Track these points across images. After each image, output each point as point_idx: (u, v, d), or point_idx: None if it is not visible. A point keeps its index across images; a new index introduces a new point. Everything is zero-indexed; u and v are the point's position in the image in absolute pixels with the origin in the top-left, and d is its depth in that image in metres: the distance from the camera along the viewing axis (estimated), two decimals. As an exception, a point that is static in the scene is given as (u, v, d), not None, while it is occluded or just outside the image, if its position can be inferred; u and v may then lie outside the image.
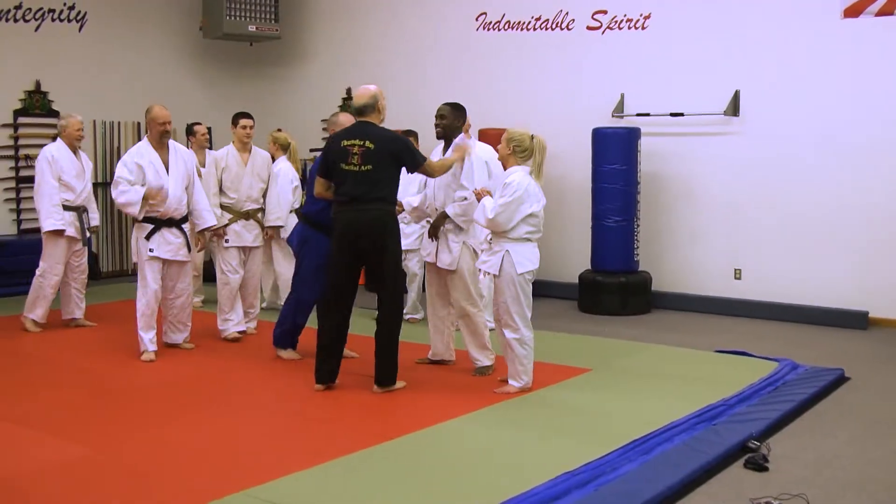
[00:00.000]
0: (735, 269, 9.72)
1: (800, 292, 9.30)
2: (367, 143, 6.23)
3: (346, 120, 6.91)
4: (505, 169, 6.42)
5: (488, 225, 6.25)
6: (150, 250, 7.29)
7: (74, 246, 8.55)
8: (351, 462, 4.97)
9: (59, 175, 8.33)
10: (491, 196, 6.30)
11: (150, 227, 7.31)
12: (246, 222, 8.19)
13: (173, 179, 7.37)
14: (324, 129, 12.16)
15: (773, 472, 4.97)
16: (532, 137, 6.29)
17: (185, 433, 5.52)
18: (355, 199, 6.23)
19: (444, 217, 6.78)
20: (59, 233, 8.35)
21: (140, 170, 7.25)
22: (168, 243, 7.36)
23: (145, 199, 7.19)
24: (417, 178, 7.20)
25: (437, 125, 6.96)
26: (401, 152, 6.33)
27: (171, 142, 7.50)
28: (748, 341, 8.17)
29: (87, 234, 8.65)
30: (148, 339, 7.28)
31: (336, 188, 6.36)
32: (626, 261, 9.80)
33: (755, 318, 9.43)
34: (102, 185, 11.93)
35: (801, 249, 9.29)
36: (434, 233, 6.85)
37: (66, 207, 8.38)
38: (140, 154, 7.32)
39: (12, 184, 11.41)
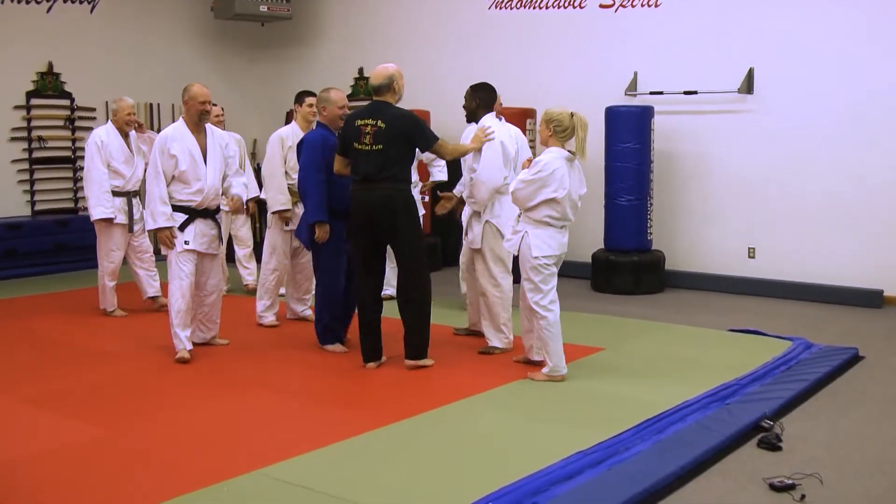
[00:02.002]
0: (749, 248, 9.69)
1: (814, 271, 9.26)
2: (379, 123, 6.25)
3: (337, 96, 6.93)
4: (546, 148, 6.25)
5: (512, 198, 6.21)
6: (186, 242, 6.72)
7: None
8: (365, 441, 4.99)
9: (108, 161, 8.12)
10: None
11: (183, 217, 6.74)
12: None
13: (211, 167, 6.79)
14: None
15: (787, 452, 4.96)
16: (572, 115, 6.17)
17: (201, 414, 5.55)
18: (367, 177, 6.28)
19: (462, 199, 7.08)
20: (108, 221, 8.14)
21: (172, 159, 6.64)
22: (203, 235, 6.80)
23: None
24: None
25: (465, 107, 7.12)
26: (411, 131, 6.33)
27: (207, 124, 6.89)
28: (762, 320, 8.15)
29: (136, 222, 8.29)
30: (184, 336, 6.72)
31: (352, 167, 6.42)
32: (640, 240, 9.77)
33: (769, 297, 9.40)
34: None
35: (816, 228, 9.25)
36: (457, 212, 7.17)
37: (115, 194, 8.14)
38: (174, 139, 6.69)
39: (25, 165, 11.43)
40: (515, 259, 6.37)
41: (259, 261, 8.35)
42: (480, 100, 6.99)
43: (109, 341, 7.42)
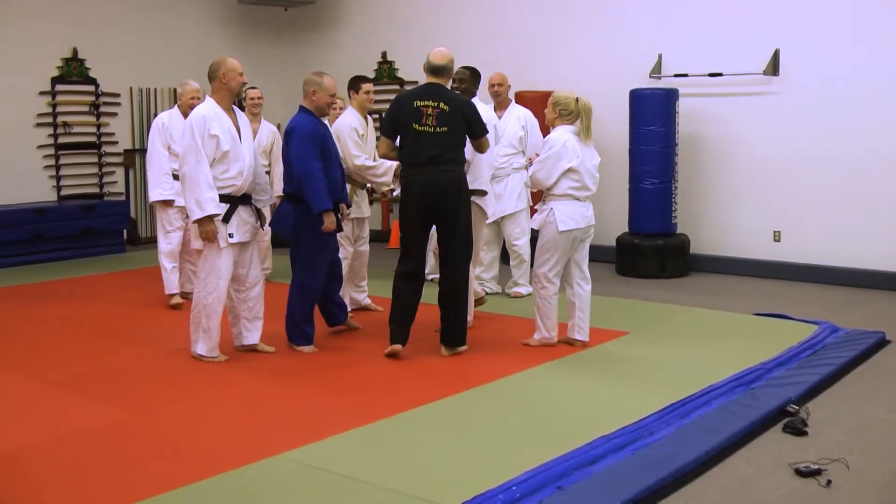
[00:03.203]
0: (774, 231, 9.62)
1: (840, 254, 9.19)
2: (442, 105, 6.19)
3: (330, 83, 6.59)
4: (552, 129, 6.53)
5: (532, 183, 6.46)
6: (230, 235, 6.15)
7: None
8: (388, 425, 5.01)
9: (169, 144, 7.92)
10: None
11: (225, 206, 6.15)
12: (361, 191, 7.53)
13: (247, 146, 6.25)
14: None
15: (812, 437, 4.94)
16: (577, 100, 6.42)
17: (226, 398, 5.58)
18: (431, 160, 6.17)
19: None
20: (168, 203, 7.96)
21: (213, 140, 6.06)
22: (244, 224, 6.27)
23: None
24: None
25: (455, 88, 7.13)
26: (473, 118, 6.30)
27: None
28: (787, 304, 8.10)
29: None
30: (217, 342, 6.30)
31: (407, 149, 6.27)
32: (664, 223, 9.72)
33: (795, 280, 9.33)
34: (139, 152, 11.99)
35: (842, 211, 9.16)
36: None
37: (176, 177, 7.61)
38: (212, 118, 6.08)
39: (51, 150, 11.49)
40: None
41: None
42: (476, 84, 7.39)
43: (135, 325, 7.46)
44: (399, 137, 6.34)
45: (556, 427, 4.99)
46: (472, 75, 7.39)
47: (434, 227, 6.42)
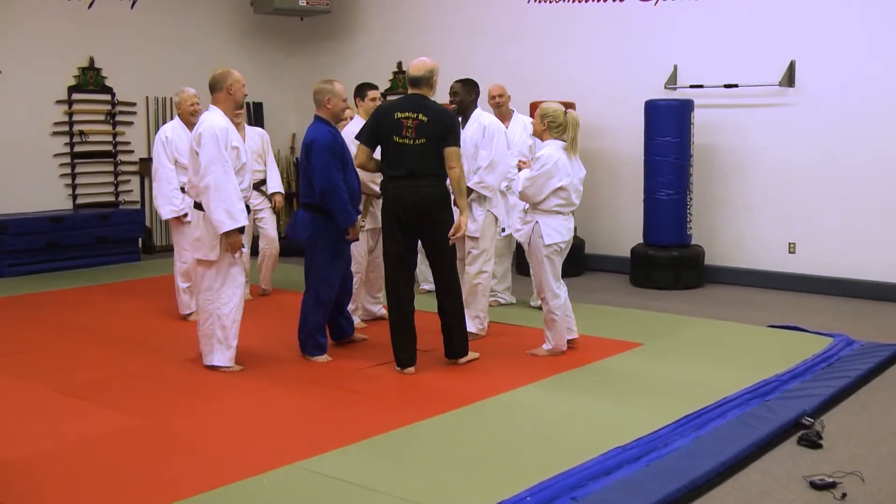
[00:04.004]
0: (789, 243, 9.59)
1: (856, 267, 9.15)
2: (421, 117, 6.14)
3: (341, 89, 6.61)
4: (542, 141, 6.57)
5: (520, 197, 6.53)
6: (242, 246, 6.20)
7: None
8: (402, 435, 5.01)
9: (175, 157, 7.63)
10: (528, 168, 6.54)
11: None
12: (377, 201, 7.18)
13: (247, 153, 6.38)
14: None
15: (828, 450, 4.91)
16: (565, 112, 6.47)
17: (237, 406, 5.60)
18: (410, 173, 6.14)
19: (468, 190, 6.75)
20: (178, 219, 7.69)
21: (234, 151, 6.10)
22: (245, 235, 6.48)
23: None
24: None
25: (451, 102, 7.24)
26: (449, 128, 6.22)
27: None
28: (802, 316, 8.07)
29: None
30: (235, 352, 6.31)
31: (387, 161, 6.26)
32: (679, 234, 9.70)
33: (810, 292, 9.30)
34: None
35: (857, 223, 9.13)
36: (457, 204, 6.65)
37: (184, 190, 7.35)
38: (227, 132, 6.06)
39: (67, 159, 11.56)
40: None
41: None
42: (472, 94, 7.32)
43: (149, 333, 7.48)
44: (380, 149, 6.31)
45: (571, 438, 4.98)
46: (466, 87, 7.27)
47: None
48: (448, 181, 6.27)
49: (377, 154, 6.41)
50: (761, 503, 4.27)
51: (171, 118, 12.12)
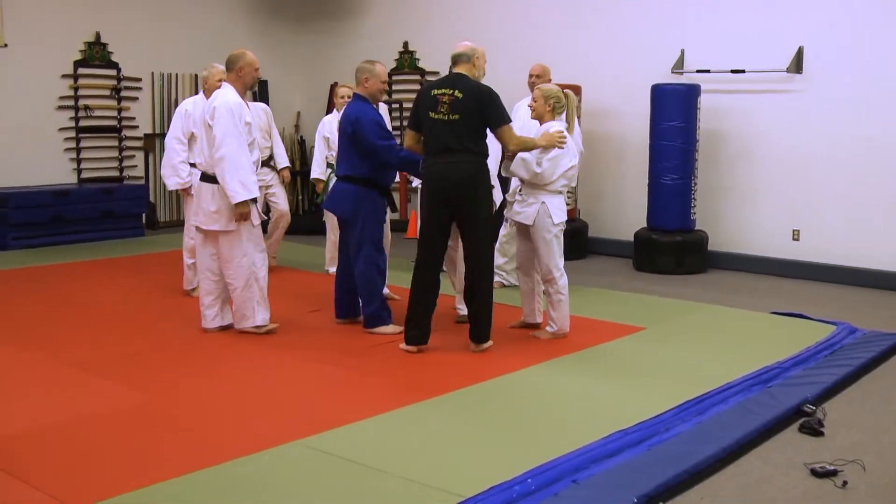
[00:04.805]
0: (793, 230, 9.58)
1: (860, 255, 9.15)
2: (456, 93, 6.10)
3: (382, 70, 6.72)
4: (541, 124, 6.56)
5: (533, 178, 6.41)
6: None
7: None
8: (404, 414, 5.02)
9: (192, 131, 7.53)
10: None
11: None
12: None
13: (255, 129, 6.64)
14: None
15: (829, 438, 4.93)
16: (566, 94, 6.60)
17: (242, 382, 5.61)
18: (446, 149, 6.10)
19: None
20: (186, 191, 7.69)
21: (247, 127, 6.38)
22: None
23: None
24: None
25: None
26: (485, 105, 6.12)
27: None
28: (805, 304, 8.07)
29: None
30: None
31: (425, 138, 6.22)
32: (683, 219, 9.70)
33: (813, 280, 9.30)
34: (160, 137, 12.04)
35: (862, 211, 9.12)
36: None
37: (193, 165, 7.47)
38: (241, 107, 6.36)
39: (72, 134, 11.55)
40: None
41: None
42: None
43: (154, 309, 7.49)
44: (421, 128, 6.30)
45: (572, 421, 5.00)
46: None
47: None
48: (486, 159, 6.28)
49: None
50: (762, 489, 4.28)
51: (177, 94, 12.28)
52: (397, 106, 12.03)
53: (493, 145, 6.50)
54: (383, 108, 7.71)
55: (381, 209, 6.77)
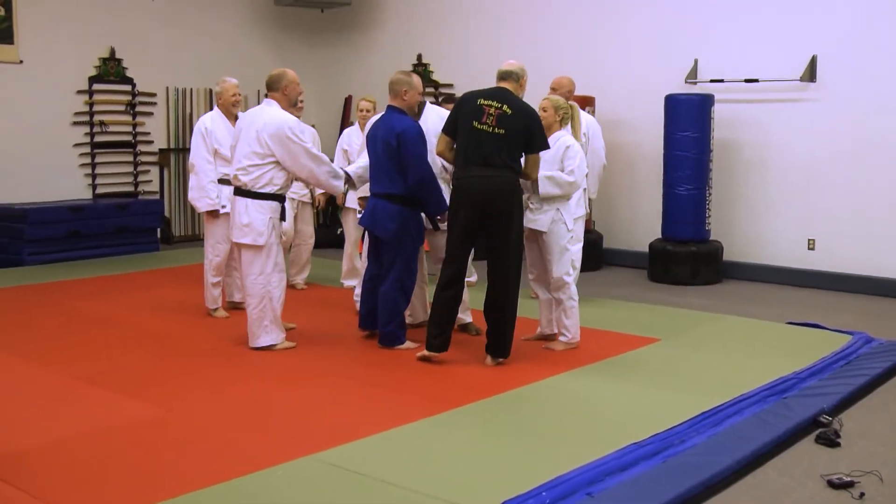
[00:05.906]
0: (809, 240, 9.54)
1: (875, 264, 9.10)
2: (505, 108, 6.06)
3: (419, 82, 6.64)
4: (548, 135, 6.44)
5: (570, 190, 6.44)
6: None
7: None
8: (418, 429, 5.01)
9: (216, 148, 7.45)
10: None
11: (278, 205, 6.54)
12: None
13: None
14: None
15: (845, 448, 4.89)
16: (571, 105, 6.77)
17: (257, 396, 5.60)
18: (485, 161, 6.02)
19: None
20: (214, 213, 7.53)
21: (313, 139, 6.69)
22: None
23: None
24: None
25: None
26: (533, 127, 6.13)
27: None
28: (821, 313, 8.04)
29: None
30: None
31: (462, 147, 6.13)
32: (698, 229, 9.67)
33: (829, 289, 9.26)
34: (174, 151, 12.11)
35: (877, 220, 9.08)
36: None
37: (223, 182, 7.38)
38: (298, 123, 6.53)
39: (87, 149, 11.62)
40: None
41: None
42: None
43: (170, 323, 7.50)
44: (457, 136, 6.21)
45: (587, 433, 4.98)
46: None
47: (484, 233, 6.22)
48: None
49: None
50: (778, 501, 4.25)
51: (191, 109, 12.33)
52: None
53: None
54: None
55: (423, 228, 6.70)
